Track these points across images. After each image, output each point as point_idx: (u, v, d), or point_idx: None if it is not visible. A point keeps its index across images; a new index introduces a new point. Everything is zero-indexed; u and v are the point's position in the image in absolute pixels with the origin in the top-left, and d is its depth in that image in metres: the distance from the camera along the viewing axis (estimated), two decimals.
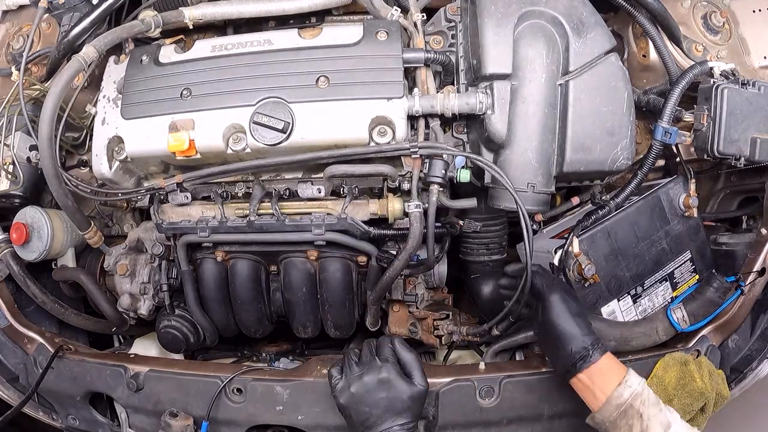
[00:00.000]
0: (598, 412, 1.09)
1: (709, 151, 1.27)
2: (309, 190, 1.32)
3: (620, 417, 1.06)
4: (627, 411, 1.06)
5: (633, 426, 1.05)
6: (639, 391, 1.06)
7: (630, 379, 1.07)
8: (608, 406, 1.07)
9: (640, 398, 1.06)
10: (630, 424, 1.05)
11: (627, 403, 1.05)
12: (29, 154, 1.45)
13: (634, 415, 1.05)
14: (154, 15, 1.32)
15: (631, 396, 1.06)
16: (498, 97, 1.21)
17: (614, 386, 1.07)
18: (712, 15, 1.46)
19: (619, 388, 1.06)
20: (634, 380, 1.08)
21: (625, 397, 1.06)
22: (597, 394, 1.08)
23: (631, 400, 1.05)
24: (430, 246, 1.29)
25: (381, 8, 1.32)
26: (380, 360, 1.15)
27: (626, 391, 1.06)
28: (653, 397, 1.07)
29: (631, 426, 1.05)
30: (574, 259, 1.26)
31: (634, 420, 1.05)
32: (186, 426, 1.31)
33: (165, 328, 1.45)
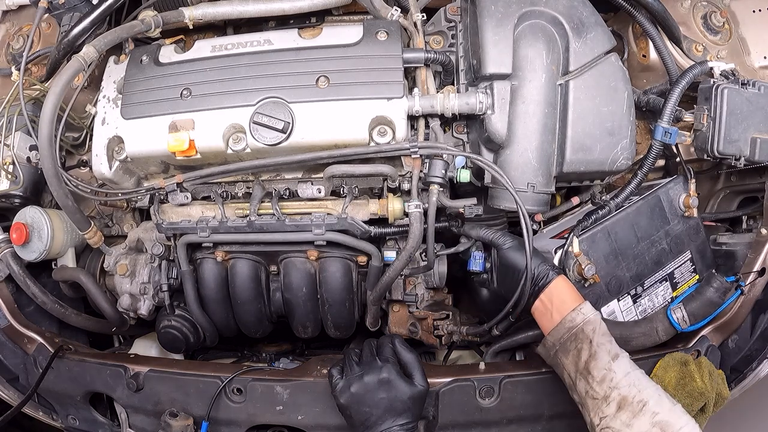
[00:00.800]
0: (550, 335, 1.13)
1: (709, 151, 1.27)
2: (309, 190, 1.32)
3: (570, 340, 1.10)
4: (577, 335, 1.09)
5: (581, 350, 1.08)
6: (592, 318, 1.10)
7: (585, 307, 1.11)
8: (560, 328, 1.11)
9: (592, 325, 1.09)
10: (579, 348, 1.08)
11: (578, 328, 1.09)
12: (29, 154, 1.45)
13: (584, 340, 1.08)
14: (154, 15, 1.32)
15: (583, 322, 1.09)
16: (498, 97, 1.21)
17: (570, 310, 1.10)
18: (712, 15, 1.46)
19: (572, 312, 1.10)
20: (589, 309, 1.11)
21: (578, 321, 1.09)
22: (553, 315, 1.13)
23: (582, 325, 1.09)
24: (430, 246, 1.29)
25: (381, 8, 1.32)
26: (381, 360, 1.15)
27: (579, 317, 1.10)
28: (605, 329, 1.10)
29: (579, 350, 1.08)
30: (574, 259, 1.26)
31: (584, 344, 1.08)
32: (186, 426, 1.31)
33: (165, 328, 1.45)
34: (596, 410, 1.04)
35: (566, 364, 1.11)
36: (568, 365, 1.10)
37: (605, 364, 1.05)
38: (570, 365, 1.10)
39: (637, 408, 1.00)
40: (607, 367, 1.05)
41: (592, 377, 1.05)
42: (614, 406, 1.02)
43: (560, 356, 1.12)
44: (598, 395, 1.04)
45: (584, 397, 1.07)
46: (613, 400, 1.02)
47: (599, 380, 1.04)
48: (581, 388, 1.08)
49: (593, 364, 1.06)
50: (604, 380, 1.04)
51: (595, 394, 1.05)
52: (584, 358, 1.07)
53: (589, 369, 1.06)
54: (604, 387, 1.04)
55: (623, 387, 1.02)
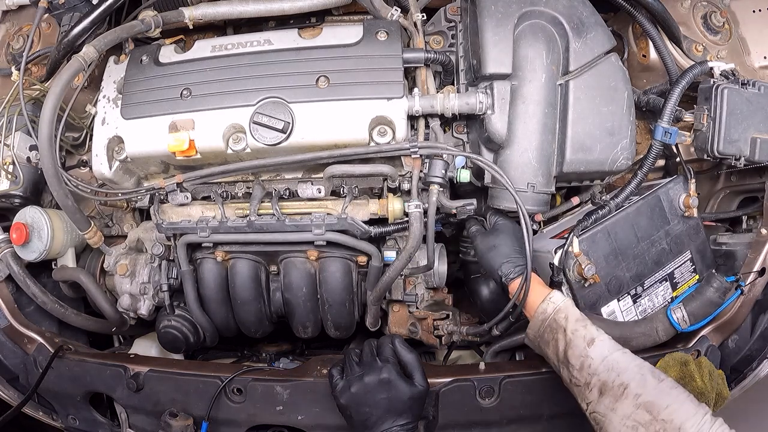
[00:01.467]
0: (529, 328, 1.15)
1: (709, 151, 1.27)
2: (309, 190, 1.32)
3: (546, 331, 1.11)
4: (551, 325, 1.10)
5: (558, 340, 1.09)
6: (562, 306, 1.11)
7: (554, 296, 1.12)
8: (535, 321, 1.13)
9: (564, 313, 1.10)
10: (556, 338, 1.09)
11: (551, 318, 1.10)
12: (29, 154, 1.45)
13: (558, 329, 1.09)
14: (154, 15, 1.32)
15: (554, 311, 1.10)
16: (498, 97, 1.21)
17: (539, 301, 1.12)
18: (712, 15, 1.46)
19: (542, 303, 1.12)
20: (558, 297, 1.12)
21: (549, 312, 1.11)
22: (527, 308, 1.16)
23: (554, 314, 1.10)
24: (430, 246, 1.29)
25: (381, 8, 1.32)
26: (381, 360, 1.15)
27: (549, 306, 1.11)
28: (577, 314, 1.10)
29: (557, 340, 1.09)
30: (574, 259, 1.26)
31: (559, 334, 1.09)
32: (186, 426, 1.31)
33: (165, 328, 1.45)
34: (581, 396, 1.05)
35: (549, 354, 1.12)
36: (551, 355, 1.12)
37: (581, 351, 1.05)
38: (552, 355, 1.11)
39: (618, 392, 0.99)
40: (584, 354, 1.05)
41: (572, 366, 1.06)
42: (596, 392, 1.02)
43: (542, 347, 1.14)
44: (580, 382, 1.05)
45: (569, 384, 1.09)
46: (594, 386, 1.02)
47: (578, 368, 1.05)
48: (565, 376, 1.09)
49: (570, 353, 1.06)
50: (583, 367, 1.04)
51: (577, 381, 1.05)
52: (561, 348, 1.08)
53: (568, 358, 1.07)
54: (584, 374, 1.04)
55: (602, 372, 1.02)
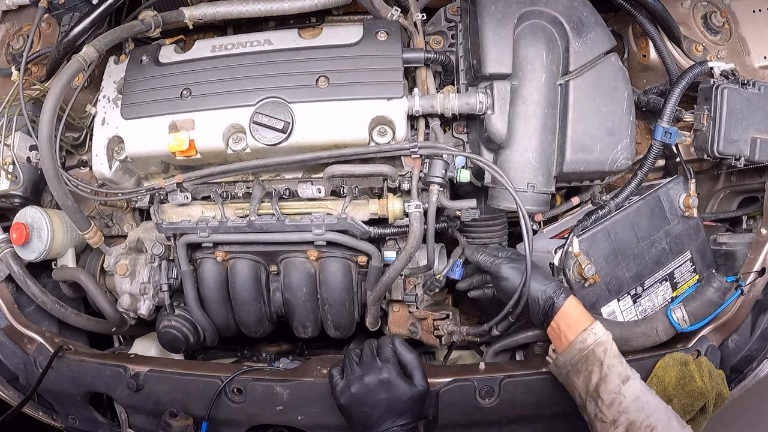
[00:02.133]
0: (561, 355, 1.12)
1: (709, 151, 1.27)
2: (309, 190, 1.32)
3: (581, 361, 1.09)
4: (588, 357, 1.08)
5: (592, 372, 1.07)
6: (603, 339, 1.09)
7: (596, 327, 1.10)
8: (571, 350, 1.10)
9: (603, 346, 1.08)
10: (590, 370, 1.08)
11: (589, 349, 1.08)
12: (29, 154, 1.45)
13: (595, 362, 1.07)
14: (154, 15, 1.32)
15: (594, 343, 1.08)
16: (498, 97, 1.21)
17: (581, 331, 1.10)
18: (712, 15, 1.46)
19: (583, 333, 1.10)
20: (600, 330, 1.10)
21: (588, 342, 1.09)
22: (562, 338, 1.12)
23: (594, 346, 1.08)
24: (430, 246, 1.29)
25: (381, 8, 1.32)
26: (381, 360, 1.15)
27: (590, 338, 1.09)
28: (616, 350, 1.09)
29: (590, 372, 1.07)
30: (574, 259, 1.26)
31: (594, 366, 1.07)
32: (186, 426, 1.31)
33: (165, 328, 1.45)
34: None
35: (577, 384, 1.11)
36: (579, 386, 1.10)
37: (615, 387, 1.05)
38: (581, 386, 1.10)
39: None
40: (617, 391, 1.04)
41: (602, 400, 1.05)
42: (622, 430, 1.02)
43: (571, 377, 1.12)
44: (607, 419, 1.04)
45: (593, 419, 1.07)
46: (621, 424, 1.02)
47: (608, 404, 1.04)
48: (591, 410, 1.07)
49: (603, 387, 1.05)
50: (613, 404, 1.04)
51: (604, 417, 1.05)
52: (594, 381, 1.07)
53: (599, 392, 1.06)
54: (613, 411, 1.03)
55: (632, 412, 1.02)
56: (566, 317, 1.13)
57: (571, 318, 1.13)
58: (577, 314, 1.13)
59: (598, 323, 1.12)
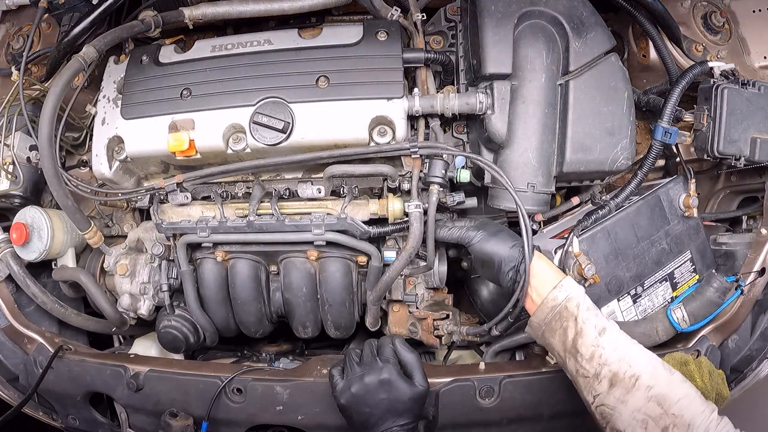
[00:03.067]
0: (534, 315, 1.10)
1: (709, 151, 1.27)
2: (309, 190, 1.32)
3: (555, 319, 1.07)
4: (561, 313, 1.06)
5: (567, 328, 1.05)
6: (574, 294, 1.06)
7: (566, 282, 1.08)
8: (543, 308, 1.08)
9: (575, 301, 1.06)
10: (564, 327, 1.05)
11: (561, 305, 1.06)
12: (29, 154, 1.45)
13: (569, 317, 1.05)
14: (154, 15, 1.32)
15: (565, 299, 1.06)
16: (498, 97, 1.21)
17: (551, 288, 1.07)
18: (712, 15, 1.46)
19: (554, 290, 1.07)
20: (570, 284, 1.08)
21: (560, 299, 1.06)
22: (533, 297, 1.10)
23: (565, 302, 1.06)
24: (430, 246, 1.29)
25: (381, 8, 1.32)
26: (381, 361, 1.15)
27: (561, 294, 1.07)
28: (589, 302, 1.07)
29: (565, 328, 1.05)
30: (574, 259, 1.26)
31: (569, 322, 1.05)
32: (186, 426, 1.31)
33: (165, 328, 1.45)
34: (588, 388, 1.02)
35: (554, 343, 1.08)
36: (556, 344, 1.08)
37: (592, 340, 1.02)
38: (558, 344, 1.07)
39: (630, 383, 0.97)
40: (595, 344, 1.02)
41: (581, 355, 1.03)
42: (606, 383, 1.00)
43: (547, 336, 1.09)
44: (589, 373, 1.02)
45: (575, 375, 1.05)
46: (605, 377, 1.00)
47: (588, 358, 1.02)
48: (571, 367, 1.05)
49: (580, 342, 1.03)
50: (593, 357, 1.01)
51: (585, 372, 1.02)
52: (571, 336, 1.04)
53: (577, 347, 1.03)
54: (594, 364, 1.01)
55: (613, 363, 1.00)
56: (535, 276, 1.10)
57: (540, 277, 1.10)
58: (546, 272, 1.11)
59: (569, 278, 1.10)
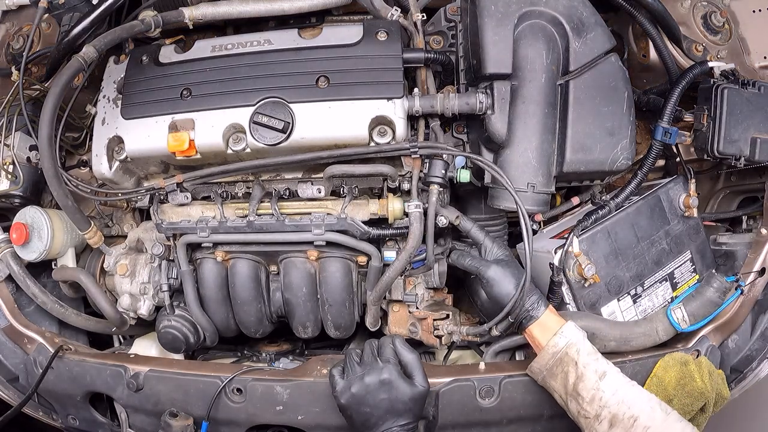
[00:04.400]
0: (535, 362, 1.16)
1: (709, 151, 1.27)
2: (309, 190, 1.32)
3: (556, 365, 1.12)
4: (562, 359, 1.11)
5: (568, 373, 1.10)
6: (574, 341, 1.12)
7: (566, 329, 1.14)
8: (544, 355, 1.14)
9: (576, 347, 1.11)
10: (566, 371, 1.10)
11: (562, 351, 1.11)
12: (29, 154, 1.45)
13: (569, 363, 1.10)
14: (154, 15, 1.32)
15: (566, 345, 1.11)
16: (498, 97, 1.21)
17: (552, 335, 1.13)
18: (712, 15, 1.46)
19: (555, 337, 1.13)
20: (570, 331, 1.14)
21: (560, 345, 1.12)
22: (537, 344, 1.17)
23: (566, 348, 1.11)
24: (430, 246, 1.29)
25: (381, 8, 1.32)
26: (381, 361, 1.15)
27: (561, 340, 1.12)
28: (589, 347, 1.12)
29: (566, 373, 1.10)
30: (574, 259, 1.26)
31: (569, 367, 1.10)
32: (186, 426, 1.31)
33: (165, 328, 1.45)
34: (590, 428, 1.08)
35: (555, 387, 1.14)
36: (558, 388, 1.13)
37: (593, 384, 1.08)
38: (559, 388, 1.13)
39: (629, 423, 1.03)
40: (595, 387, 1.07)
41: (582, 398, 1.08)
42: (606, 424, 1.05)
43: (548, 381, 1.15)
44: (590, 414, 1.07)
45: (577, 416, 1.10)
46: (605, 419, 1.05)
47: (589, 400, 1.07)
48: (573, 409, 1.11)
49: (581, 386, 1.08)
50: (594, 400, 1.07)
51: (586, 414, 1.08)
52: (572, 381, 1.10)
53: (578, 390, 1.09)
54: (595, 406, 1.07)
55: (613, 405, 1.05)
56: (541, 326, 1.17)
57: (543, 326, 1.17)
58: (550, 321, 1.17)
59: (569, 324, 1.15)
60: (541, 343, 1.15)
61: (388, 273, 1.30)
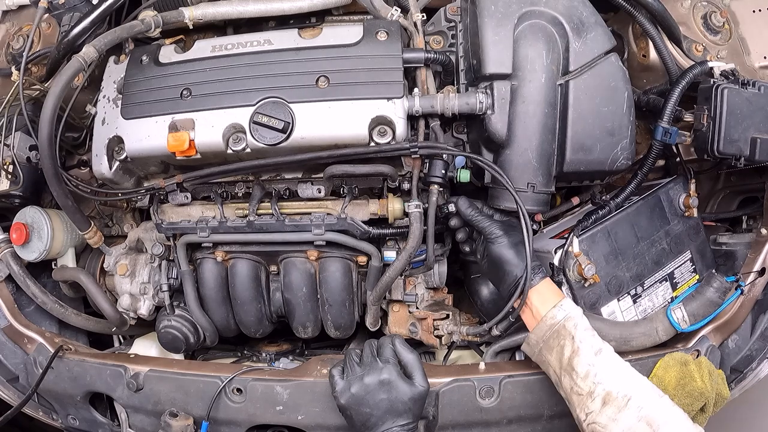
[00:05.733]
0: (533, 332, 1.15)
1: (709, 151, 1.27)
2: (309, 190, 1.32)
3: (552, 337, 1.11)
4: (559, 331, 1.10)
5: (564, 347, 1.09)
6: (572, 314, 1.11)
7: (565, 303, 1.13)
8: (542, 326, 1.13)
9: (573, 321, 1.10)
10: (561, 345, 1.09)
11: (560, 324, 1.10)
12: (29, 154, 1.45)
13: (566, 336, 1.09)
14: (154, 15, 1.32)
15: (564, 318, 1.10)
16: (498, 97, 1.21)
17: (550, 307, 1.12)
18: (712, 15, 1.46)
19: (553, 309, 1.12)
20: (569, 305, 1.13)
21: (558, 318, 1.11)
22: (534, 313, 1.15)
23: (564, 321, 1.10)
24: (430, 246, 1.29)
25: (381, 8, 1.32)
26: (381, 361, 1.15)
27: (560, 313, 1.11)
28: (586, 323, 1.11)
29: (562, 347, 1.09)
30: (574, 259, 1.26)
31: (566, 341, 1.09)
32: (186, 426, 1.31)
33: (165, 328, 1.45)
34: (582, 405, 1.05)
35: (550, 360, 1.12)
36: (553, 362, 1.11)
37: (588, 359, 1.06)
38: (554, 362, 1.11)
39: (622, 402, 1.01)
40: (591, 363, 1.06)
41: (576, 373, 1.06)
42: (599, 402, 1.03)
43: (544, 353, 1.13)
44: (583, 391, 1.05)
45: (569, 393, 1.08)
46: (598, 396, 1.03)
47: (583, 376, 1.05)
48: (566, 384, 1.08)
49: (576, 360, 1.07)
50: (588, 376, 1.05)
51: (579, 390, 1.06)
52: (567, 355, 1.08)
53: (573, 365, 1.07)
54: (588, 382, 1.05)
55: (607, 382, 1.03)
56: (539, 294, 1.15)
57: (542, 295, 1.15)
58: (549, 292, 1.16)
59: (567, 299, 1.14)
60: (539, 311, 1.14)
61: (388, 273, 1.30)
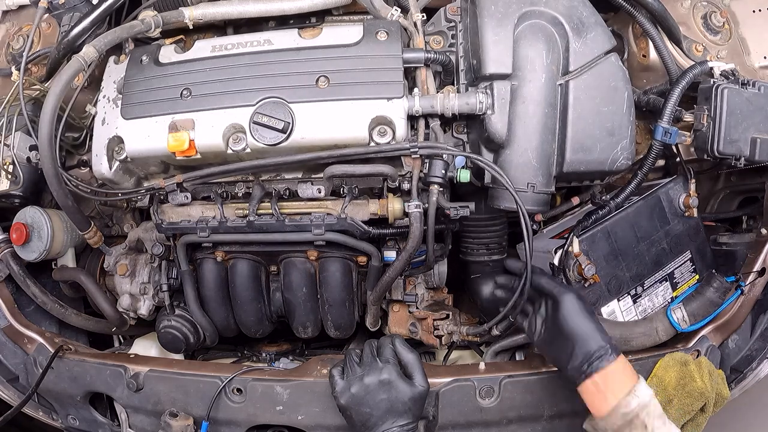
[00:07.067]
0: (603, 419, 1.06)
1: (709, 151, 1.27)
2: (309, 190, 1.32)
3: (625, 426, 1.03)
4: (633, 421, 1.03)
5: None
6: (646, 402, 1.04)
7: (639, 388, 1.05)
8: (614, 414, 1.04)
9: (647, 409, 1.03)
10: None
11: (633, 413, 1.03)
12: (29, 154, 1.45)
13: (639, 426, 1.03)
14: (154, 15, 1.32)
15: (638, 406, 1.03)
16: (498, 97, 1.21)
17: (624, 393, 1.03)
18: (712, 15, 1.46)
19: (628, 396, 1.03)
20: (643, 390, 1.05)
21: (633, 406, 1.03)
22: (608, 398, 1.04)
23: (638, 410, 1.03)
24: (430, 246, 1.29)
25: (381, 8, 1.32)
26: (381, 361, 1.15)
27: (634, 401, 1.03)
28: (659, 410, 1.05)
29: None
30: (574, 259, 1.26)
31: (639, 431, 1.03)
32: (186, 426, 1.31)
33: (165, 328, 1.45)
34: None
35: None
36: None
37: None
38: None
39: None
40: None
41: None
42: None
43: None
44: None
45: None
46: None
47: None
48: None
49: None
50: None
51: None
52: None
53: None
54: None
55: None
56: (615, 376, 1.05)
57: (614, 377, 1.05)
58: (623, 374, 1.06)
59: (642, 381, 1.06)
60: (606, 396, 1.04)
61: (389, 273, 1.30)
